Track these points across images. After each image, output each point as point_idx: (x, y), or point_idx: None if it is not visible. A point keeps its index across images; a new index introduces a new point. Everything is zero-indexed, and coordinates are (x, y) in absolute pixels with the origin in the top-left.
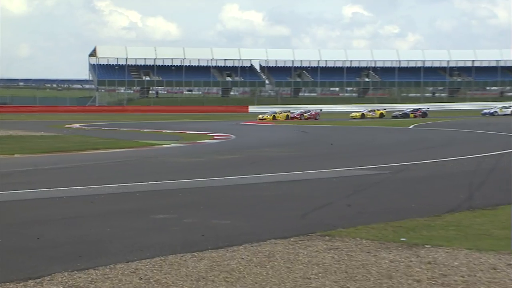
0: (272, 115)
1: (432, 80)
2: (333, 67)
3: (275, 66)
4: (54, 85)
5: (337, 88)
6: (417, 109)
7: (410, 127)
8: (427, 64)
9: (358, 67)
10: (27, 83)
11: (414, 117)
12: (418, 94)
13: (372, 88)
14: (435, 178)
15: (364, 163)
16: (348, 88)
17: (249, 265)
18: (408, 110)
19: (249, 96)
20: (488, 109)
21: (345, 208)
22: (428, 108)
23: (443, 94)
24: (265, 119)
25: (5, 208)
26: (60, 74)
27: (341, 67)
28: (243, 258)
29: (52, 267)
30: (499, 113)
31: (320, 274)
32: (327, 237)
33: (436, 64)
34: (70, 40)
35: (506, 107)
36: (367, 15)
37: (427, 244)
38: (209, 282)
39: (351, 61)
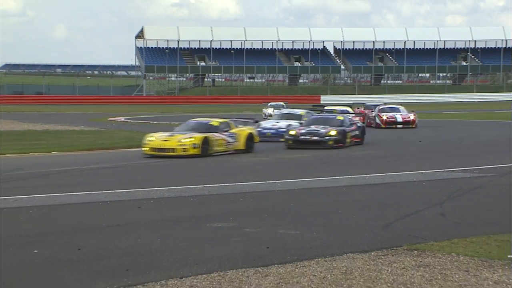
0: None
1: None
2: (423, 49)
3: (352, 49)
4: (96, 72)
5: (427, 74)
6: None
7: None
8: None
9: (454, 48)
10: (65, 69)
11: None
12: None
13: (470, 73)
14: None
15: (460, 164)
16: (441, 74)
17: (323, 283)
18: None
19: (321, 85)
20: None
21: (438, 217)
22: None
23: None
24: None
25: (41, 214)
26: (102, 59)
27: (433, 48)
28: (315, 275)
29: (95, 283)
30: None
31: None
32: (415, 251)
33: None
34: (113, 20)
35: None
36: None
37: None
38: None
39: (444, 41)
